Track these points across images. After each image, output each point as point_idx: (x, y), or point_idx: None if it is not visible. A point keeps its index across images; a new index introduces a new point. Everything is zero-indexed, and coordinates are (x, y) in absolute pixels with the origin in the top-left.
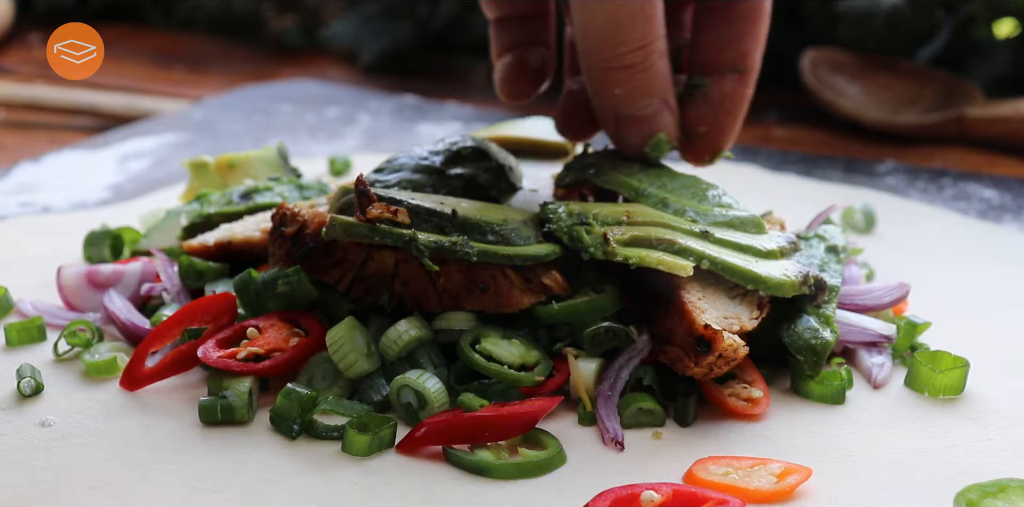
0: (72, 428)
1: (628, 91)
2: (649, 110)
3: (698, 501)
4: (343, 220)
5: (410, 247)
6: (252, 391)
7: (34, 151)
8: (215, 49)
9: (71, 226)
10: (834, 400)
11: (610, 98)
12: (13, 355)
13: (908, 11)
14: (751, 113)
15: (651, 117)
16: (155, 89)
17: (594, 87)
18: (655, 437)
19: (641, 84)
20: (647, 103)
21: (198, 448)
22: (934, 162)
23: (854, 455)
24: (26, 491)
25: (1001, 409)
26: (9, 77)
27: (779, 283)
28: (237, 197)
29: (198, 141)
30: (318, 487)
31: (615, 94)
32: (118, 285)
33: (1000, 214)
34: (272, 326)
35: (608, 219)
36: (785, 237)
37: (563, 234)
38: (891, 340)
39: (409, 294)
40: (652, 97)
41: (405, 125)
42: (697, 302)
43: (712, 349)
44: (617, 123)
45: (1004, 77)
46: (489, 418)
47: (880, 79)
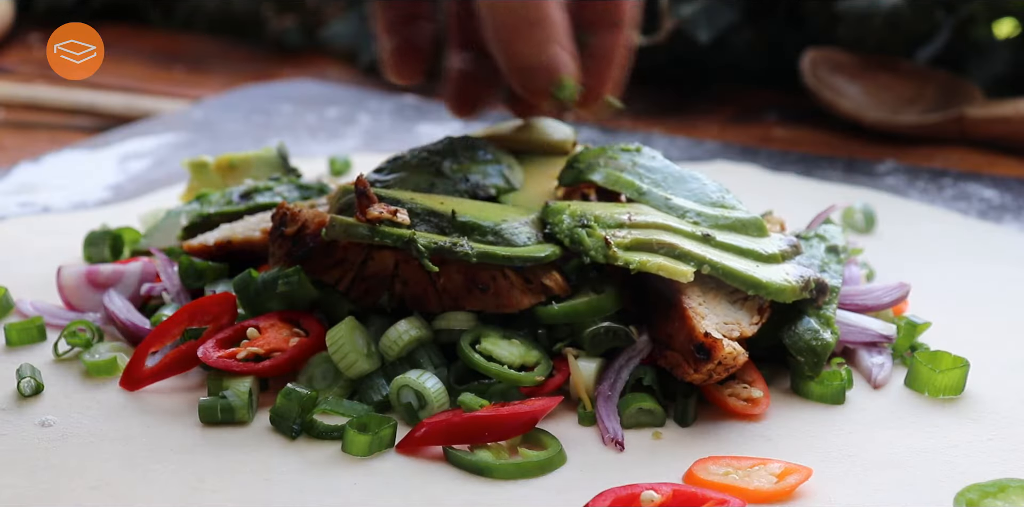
0: (72, 428)
1: (532, 43)
2: (553, 57)
3: (698, 501)
4: (343, 220)
5: (410, 248)
6: (252, 391)
7: (34, 151)
8: (215, 49)
9: (71, 226)
10: (834, 400)
11: (515, 53)
12: (13, 355)
13: (908, 11)
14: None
15: (554, 62)
16: (155, 89)
17: (499, 45)
18: (655, 437)
19: (543, 35)
20: (550, 51)
21: (198, 448)
22: (934, 162)
23: (854, 455)
24: (26, 491)
25: (1001, 409)
26: (9, 77)
27: (780, 288)
28: (237, 197)
29: (198, 141)
30: (318, 487)
31: (520, 48)
32: (118, 285)
33: (1000, 214)
34: (272, 326)
35: (610, 221)
36: (786, 240)
37: (564, 236)
38: (891, 340)
39: (409, 294)
40: (553, 44)
41: (405, 125)
42: (697, 307)
43: (712, 357)
44: (523, 74)
45: (1004, 77)
46: (489, 418)
47: (880, 79)
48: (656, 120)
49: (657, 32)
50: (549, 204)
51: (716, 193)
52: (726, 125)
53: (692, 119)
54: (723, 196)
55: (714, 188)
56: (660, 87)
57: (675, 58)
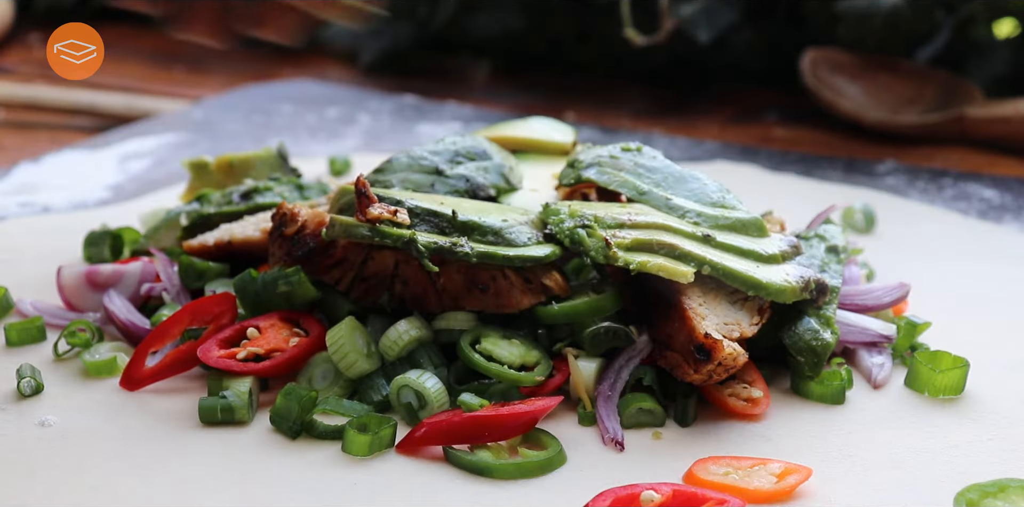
0: (72, 428)
1: None
2: None
3: (698, 501)
4: (343, 220)
5: (410, 248)
6: (252, 391)
7: (34, 151)
8: (215, 49)
9: (71, 226)
10: (834, 400)
11: None
12: (13, 355)
13: (908, 11)
14: (751, 113)
15: None
16: (155, 89)
17: None
18: (655, 437)
19: None
20: None
21: (198, 448)
22: (934, 162)
23: (854, 455)
24: (26, 491)
25: (1001, 409)
26: (9, 77)
27: (780, 289)
28: (237, 197)
29: (198, 141)
30: (318, 487)
31: None
32: (118, 285)
33: (1000, 214)
34: (272, 326)
35: (610, 221)
36: (787, 241)
37: (564, 236)
38: (891, 340)
39: (409, 294)
40: None
41: (405, 125)
42: (698, 308)
43: (712, 358)
44: None
45: (1004, 77)
46: (489, 418)
47: (880, 79)
48: (656, 120)
49: (657, 32)
50: (549, 204)
51: (716, 193)
52: (726, 125)
53: (692, 119)
54: (723, 196)
55: (714, 188)
56: (660, 87)
57: (675, 58)
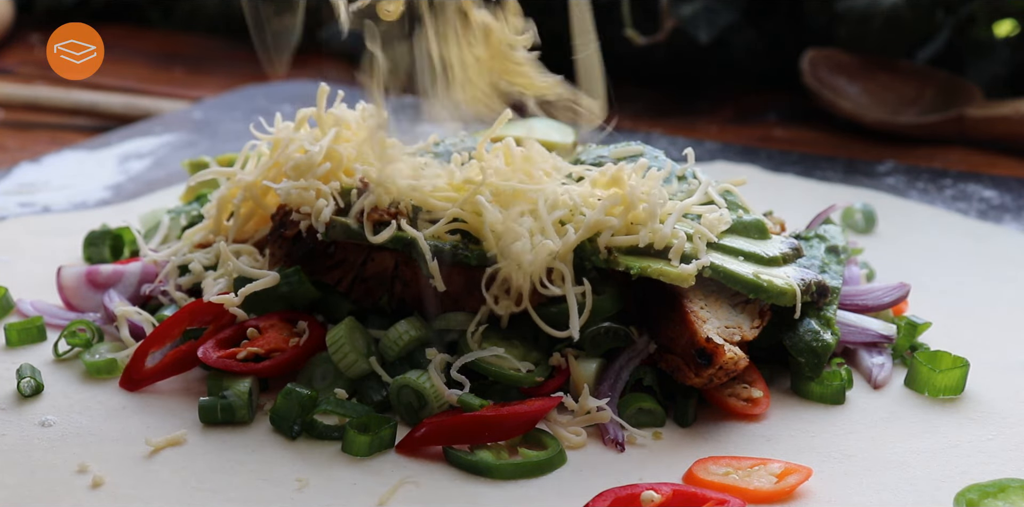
0: (72, 428)
1: None
2: None
3: (698, 501)
4: (343, 221)
5: (410, 249)
6: (252, 391)
7: (34, 151)
8: (215, 49)
9: (71, 226)
10: (834, 400)
11: None
12: (13, 355)
13: (908, 11)
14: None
15: None
16: (155, 89)
17: None
18: (655, 437)
19: None
20: None
21: (198, 448)
22: (934, 162)
23: (854, 455)
24: (26, 491)
25: (1001, 409)
26: (9, 77)
27: (781, 292)
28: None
29: (198, 141)
30: (318, 487)
31: None
32: (118, 285)
33: (1000, 214)
34: (272, 326)
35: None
36: (788, 243)
37: None
38: (891, 340)
39: (409, 294)
40: None
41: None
42: (699, 311)
43: (713, 363)
44: None
45: (1004, 77)
46: (489, 418)
47: (880, 79)
48: (656, 120)
49: (657, 32)
50: None
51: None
52: (726, 125)
53: (692, 119)
54: (724, 197)
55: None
56: (660, 87)
57: (675, 58)
